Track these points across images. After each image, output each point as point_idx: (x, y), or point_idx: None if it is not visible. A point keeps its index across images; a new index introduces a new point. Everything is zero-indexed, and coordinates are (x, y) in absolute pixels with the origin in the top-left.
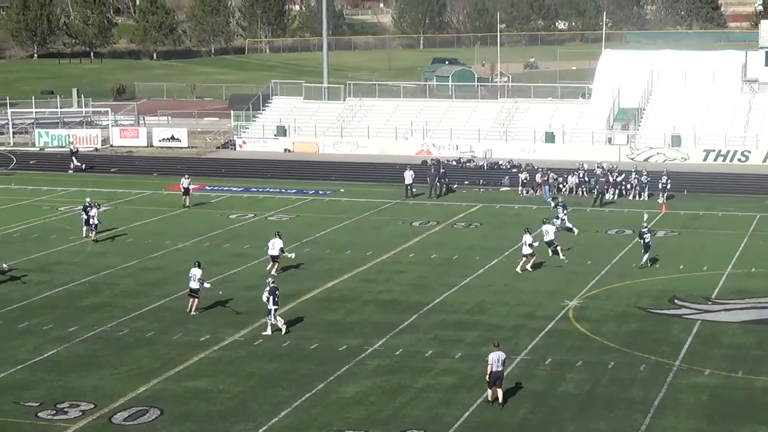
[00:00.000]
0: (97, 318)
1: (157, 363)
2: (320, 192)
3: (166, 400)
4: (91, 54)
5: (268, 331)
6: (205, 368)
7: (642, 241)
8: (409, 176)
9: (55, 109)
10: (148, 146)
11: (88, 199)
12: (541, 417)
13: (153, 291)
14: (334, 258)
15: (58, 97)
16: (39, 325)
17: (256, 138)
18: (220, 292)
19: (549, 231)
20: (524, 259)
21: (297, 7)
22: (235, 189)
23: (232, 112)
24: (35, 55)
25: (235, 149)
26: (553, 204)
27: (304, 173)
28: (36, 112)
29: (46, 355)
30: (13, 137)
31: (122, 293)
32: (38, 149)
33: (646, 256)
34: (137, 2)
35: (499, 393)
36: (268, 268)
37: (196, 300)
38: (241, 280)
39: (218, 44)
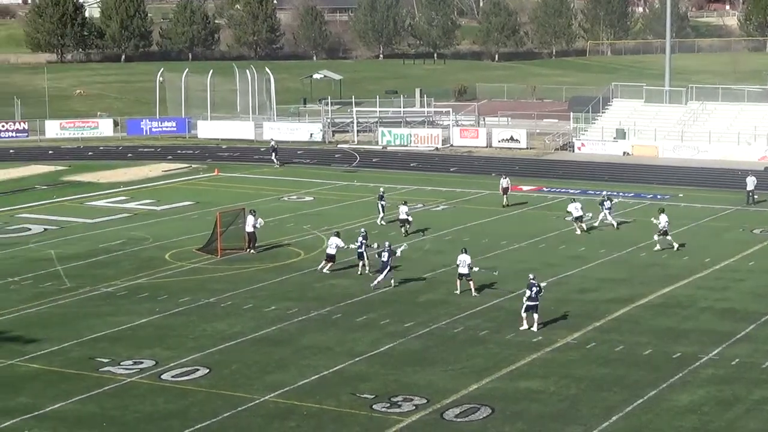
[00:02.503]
0: (432, 315)
1: (489, 362)
2: (658, 196)
3: (497, 398)
4: (435, 55)
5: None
6: (537, 369)
7: None
8: (751, 182)
9: (398, 109)
10: (487, 146)
11: (381, 189)
12: None
13: (487, 290)
14: (670, 263)
15: (401, 96)
16: (377, 319)
17: (595, 140)
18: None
19: (661, 220)
20: None
21: (640, 9)
22: (572, 191)
23: (571, 114)
24: (380, 56)
25: (573, 151)
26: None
27: (642, 177)
28: (380, 111)
29: (382, 349)
30: (358, 135)
31: None
32: (381, 147)
33: None
34: (481, 4)
35: None
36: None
37: (471, 281)
38: (575, 282)
39: (559, 46)
